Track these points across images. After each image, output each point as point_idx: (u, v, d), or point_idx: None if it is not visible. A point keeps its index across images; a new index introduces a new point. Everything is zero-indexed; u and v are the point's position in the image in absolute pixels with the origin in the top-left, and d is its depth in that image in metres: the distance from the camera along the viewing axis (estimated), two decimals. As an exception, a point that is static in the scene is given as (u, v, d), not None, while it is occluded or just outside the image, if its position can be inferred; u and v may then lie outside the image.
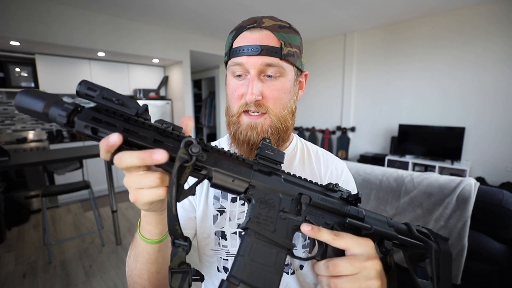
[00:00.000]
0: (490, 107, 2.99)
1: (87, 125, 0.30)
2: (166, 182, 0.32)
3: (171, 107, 4.51)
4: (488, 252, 1.15)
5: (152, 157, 0.30)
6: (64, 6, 2.85)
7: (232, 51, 0.51)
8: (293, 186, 0.40)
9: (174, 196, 0.31)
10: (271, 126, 0.52)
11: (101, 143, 0.30)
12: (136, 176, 0.32)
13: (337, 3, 2.92)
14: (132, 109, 0.32)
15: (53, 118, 0.30)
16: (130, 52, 3.44)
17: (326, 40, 4.37)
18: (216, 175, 0.35)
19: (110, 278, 2.00)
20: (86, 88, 0.30)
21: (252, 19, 0.52)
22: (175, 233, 0.32)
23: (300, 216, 0.38)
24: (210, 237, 0.59)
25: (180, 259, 0.32)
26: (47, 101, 0.30)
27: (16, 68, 3.25)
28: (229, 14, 3.20)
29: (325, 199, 0.41)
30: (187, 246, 0.33)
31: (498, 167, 3.01)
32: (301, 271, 0.60)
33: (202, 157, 0.34)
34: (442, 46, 3.23)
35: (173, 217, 0.31)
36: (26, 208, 3.07)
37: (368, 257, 0.36)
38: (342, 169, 0.65)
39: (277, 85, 0.51)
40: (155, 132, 0.32)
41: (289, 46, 0.51)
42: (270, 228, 0.36)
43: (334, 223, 0.40)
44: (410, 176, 1.42)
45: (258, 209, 0.36)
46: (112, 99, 0.31)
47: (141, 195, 0.33)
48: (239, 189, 0.36)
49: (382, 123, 3.89)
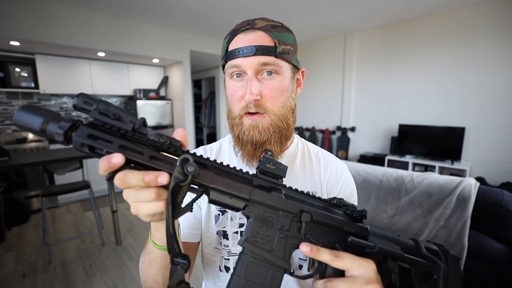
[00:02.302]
0: (490, 107, 2.99)
1: (83, 143, 0.30)
2: (163, 196, 0.32)
3: (171, 107, 4.51)
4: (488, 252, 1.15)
5: (157, 180, 0.30)
6: (64, 6, 2.85)
7: (228, 54, 0.52)
8: (294, 202, 0.38)
9: (170, 215, 0.30)
10: (271, 125, 0.52)
11: (101, 162, 0.30)
12: (134, 191, 0.32)
13: (337, 3, 2.92)
14: (128, 124, 0.31)
15: (50, 135, 0.30)
16: (130, 52, 3.44)
17: (326, 40, 4.37)
18: (213, 192, 0.34)
19: (110, 278, 2.00)
20: (83, 102, 0.30)
21: (245, 22, 0.53)
22: (173, 251, 0.32)
23: (300, 234, 0.37)
24: (212, 236, 0.60)
25: (179, 277, 0.32)
26: (45, 118, 0.30)
27: (16, 68, 3.25)
28: (229, 14, 3.20)
29: (327, 216, 0.39)
30: (185, 264, 0.32)
31: (498, 167, 3.01)
32: (300, 271, 0.60)
33: (198, 175, 0.33)
34: (442, 46, 3.23)
35: (171, 235, 0.31)
36: (26, 208, 3.07)
37: (368, 280, 0.36)
38: (343, 170, 0.65)
39: (275, 84, 0.52)
40: (151, 148, 0.32)
41: (283, 44, 0.51)
42: (267, 247, 0.35)
43: (336, 241, 0.39)
44: (410, 176, 1.42)
45: (256, 227, 0.36)
46: (108, 114, 0.31)
47: (141, 208, 0.33)
48: (237, 206, 0.36)
49: (382, 123, 3.89)
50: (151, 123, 4.28)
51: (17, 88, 3.28)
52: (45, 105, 3.71)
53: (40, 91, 3.34)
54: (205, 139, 6.30)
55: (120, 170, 0.30)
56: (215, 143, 0.69)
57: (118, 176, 0.30)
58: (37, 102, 3.63)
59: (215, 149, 0.67)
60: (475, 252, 1.18)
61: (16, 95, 3.45)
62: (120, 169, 0.30)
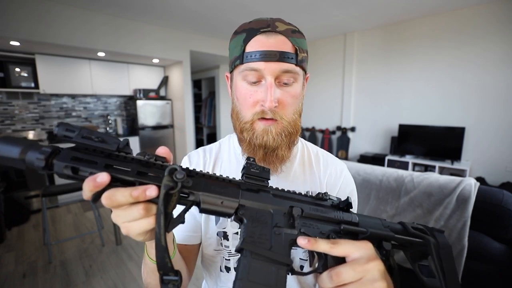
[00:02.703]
0: (490, 107, 2.99)
1: (67, 165, 0.29)
2: (153, 211, 0.32)
3: (171, 107, 4.51)
4: (488, 252, 1.15)
5: (146, 193, 0.29)
6: (64, 6, 2.85)
7: (246, 55, 0.49)
8: (283, 200, 0.39)
9: (162, 225, 0.29)
10: (283, 131, 0.52)
11: (86, 183, 0.28)
12: (122, 211, 0.31)
13: (337, 3, 2.92)
14: (112, 145, 0.31)
15: (30, 163, 0.29)
16: (130, 52, 3.44)
17: (326, 40, 4.37)
18: (204, 199, 0.34)
19: (110, 278, 2.00)
20: (64, 130, 0.30)
21: (264, 21, 0.50)
22: (164, 267, 0.30)
23: (295, 229, 0.38)
24: (213, 237, 0.60)
25: None
26: (23, 146, 0.29)
27: (16, 68, 3.24)
28: (229, 14, 3.20)
29: (316, 209, 0.40)
30: (177, 281, 0.30)
31: (498, 167, 3.01)
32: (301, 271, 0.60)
33: (187, 182, 0.33)
34: (442, 46, 3.23)
35: (162, 248, 0.30)
36: (26, 208, 3.07)
37: (368, 259, 0.35)
38: (342, 170, 0.65)
39: (291, 92, 0.51)
40: (138, 165, 0.32)
41: (302, 51, 0.51)
42: (266, 245, 0.35)
43: (329, 231, 0.39)
44: (410, 176, 1.42)
45: (251, 227, 0.35)
46: (91, 137, 0.30)
47: (131, 227, 0.32)
48: (229, 211, 0.35)
49: (382, 123, 3.89)
50: (151, 123, 4.28)
51: (17, 88, 3.28)
52: (45, 105, 3.71)
53: (40, 91, 3.34)
54: (205, 139, 6.30)
55: (106, 190, 0.29)
56: (214, 144, 0.69)
57: (105, 195, 0.29)
58: (37, 102, 3.64)
59: (215, 150, 0.67)
60: (475, 252, 1.18)
61: (16, 95, 3.45)
62: (105, 189, 0.29)
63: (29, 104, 3.57)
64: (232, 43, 0.53)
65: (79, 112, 4.05)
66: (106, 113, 4.32)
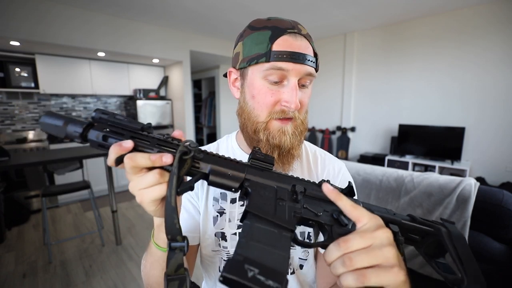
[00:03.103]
0: (490, 107, 2.99)
1: (99, 134, 0.35)
2: (166, 177, 0.34)
3: (171, 107, 4.51)
4: (488, 252, 1.15)
5: (162, 159, 0.33)
6: (64, 6, 2.85)
7: (274, 54, 0.47)
8: (287, 179, 0.41)
9: (174, 186, 0.32)
10: (296, 129, 0.53)
11: (112, 148, 0.33)
12: (139, 177, 0.34)
13: (337, 3, 2.92)
14: (138, 125, 0.36)
15: (70, 132, 0.36)
16: (130, 52, 3.44)
17: (326, 40, 4.37)
18: (213, 169, 0.37)
19: (110, 278, 2.00)
20: (101, 113, 0.36)
21: (287, 22, 0.51)
22: (172, 229, 0.31)
23: (298, 203, 0.38)
24: (211, 238, 0.60)
25: (177, 261, 0.31)
26: (66, 119, 0.36)
27: (16, 68, 3.25)
28: (229, 14, 3.20)
29: (319, 190, 0.41)
30: (184, 247, 0.31)
31: (498, 167, 3.01)
32: (301, 270, 0.60)
33: (199, 154, 0.37)
34: (442, 46, 3.23)
35: (172, 210, 0.32)
36: (26, 208, 3.07)
37: (377, 227, 0.34)
38: (340, 169, 0.65)
39: (308, 93, 0.54)
40: (157, 140, 0.36)
41: (317, 56, 0.53)
42: (270, 211, 0.35)
43: (333, 210, 0.39)
44: (410, 176, 1.42)
45: (256, 197, 0.37)
46: (122, 118, 0.36)
47: (145, 194, 0.34)
48: (235, 184, 0.37)
49: (382, 123, 3.89)
50: (151, 123, 4.27)
51: (17, 88, 3.28)
52: (45, 105, 3.71)
53: (40, 91, 3.34)
54: (205, 139, 6.30)
55: None
56: (213, 144, 0.69)
57: (127, 156, 0.33)
58: (37, 102, 3.64)
59: (213, 149, 0.67)
60: (475, 252, 1.18)
61: (16, 95, 3.45)
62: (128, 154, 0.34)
63: (29, 104, 3.57)
64: (252, 39, 0.50)
65: (79, 112, 4.05)
66: (106, 113, 4.31)
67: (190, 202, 0.61)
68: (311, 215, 0.38)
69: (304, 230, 0.59)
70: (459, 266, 0.36)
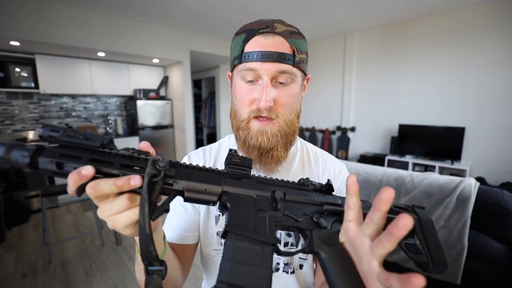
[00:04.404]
0: (490, 107, 2.99)
1: (51, 161, 0.30)
2: (137, 201, 0.32)
3: (171, 107, 4.51)
4: (488, 252, 1.15)
5: (130, 182, 0.30)
6: (64, 6, 2.85)
7: (244, 55, 0.50)
8: (266, 185, 0.40)
9: (146, 213, 0.30)
10: (279, 131, 0.53)
11: (70, 176, 0.29)
12: (107, 204, 0.32)
13: (337, 3, 2.92)
14: (97, 142, 0.32)
15: (15, 161, 0.30)
16: (130, 52, 3.44)
17: (326, 40, 4.37)
18: (187, 186, 0.35)
19: (110, 278, 2.00)
20: (50, 131, 0.31)
21: (263, 22, 0.52)
22: (149, 256, 0.30)
23: (278, 211, 0.38)
24: (213, 237, 0.60)
25: (156, 286, 0.30)
26: (7, 146, 0.30)
27: (16, 68, 3.25)
28: (229, 14, 3.20)
29: (299, 193, 0.41)
30: (162, 271, 0.30)
31: (498, 167, 3.01)
32: (301, 270, 0.60)
33: (170, 171, 0.34)
34: (442, 46, 3.23)
35: (147, 237, 0.30)
36: (26, 208, 3.07)
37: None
38: (340, 170, 0.65)
39: (288, 91, 0.52)
40: (122, 158, 0.32)
41: (300, 53, 0.52)
42: (250, 227, 0.35)
43: (313, 212, 0.40)
44: (410, 176, 1.42)
45: (235, 211, 0.36)
46: (76, 135, 0.31)
47: (117, 220, 0.32)
48: (213, 198, 0.36)
49: (382, 123, 3.89)
50: (151, 123, 4.28)
51: (17, 88, 3.28)
52: (45, 105, 3.71)
53: (40, 91, 3.34)
54: (205, 139, 6.30)
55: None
56: (214, 144, 0.69)
57: (89, 185, 0.29)
58: (37, 102, 3.64)
59: (214, 150, 0.67)
60: (475, 252, 1.18)
61: (16, 95, 3.45)
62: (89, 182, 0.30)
63: (29, 104, 3.57)
64: (233, 44, 0.55)
65: (79, 112, 4.05)
66: (106, 113, 4.32)
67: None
68: (291, 222, 0.38)
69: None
70: (426, 250, 0.38)
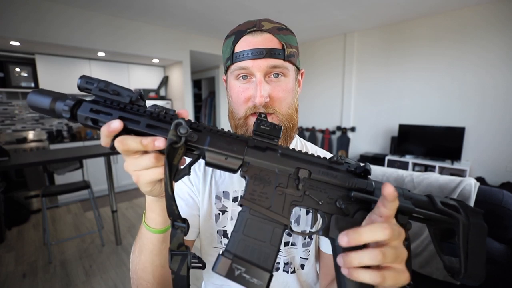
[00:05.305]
0: (490, 107, 2.99)
1: (87, 117, 0.34)
2: (162, 161, 0.34)
3: (171, 107, 4.51)
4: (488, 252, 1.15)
5: (154, 144, 0.32)
6: (64, 6, 2.85)
7: (235, 56, 0.52)
8: (291, 160, 0.37)
9: (168, 176, 0.32)
10: (279, 124, 0.53)
11: (102, 129, 0.32)
12: (134, 159, 0.34)
13: (337, 3, 2.92)
14: (126, 98, 0.34)
15: (59, 113, 0.34)
16: (130, 52, 3.43)
17: (326, 40, 4.37)
18: (208, 154, 0.35)
19: (110, 278, 2.00)
20: (85, 83, 0.34)
21: (251, 22, 0.53)
22: (172, 213, 0.33)
23: (299, 191, 0.37)
24: (213, 235, 0.60)
25: (178, 240, 0.34)
26: (53, 97, 0.34)
27: (16, 68, 3.25)
28: (229, 14, 3.20)
29: (327, 173, 0.38)
30: (185, 228, 0.34)
31: (498, 167, 3.01)
32: (302, 270, 0.60)
33: (192, 137, 0.34)
34: (442, 46, 3.23)
35: (170, 197, 0.32)
36: (26, 208, 3.06)
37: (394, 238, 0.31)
38: None
39: (282, 86, 0.53)
40: (148, 117, 0.34)
41: (290, 47, 0.52)
42: (265, 204, 0.35)
43: (338, 197, 0.37)
44: (410, 176, 1.42)
45: (252, 185, 0.36)
46: (107, 90, 0.34)
47: (142, 175, 0.34)
48: (233, 167, 0.36)
49: (382, 123, 3.89)
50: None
51: (17, 88, 3.28)
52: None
53: (40, 91, 3.33)
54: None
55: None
56: None
57: (117, 139, 0.32)
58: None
59: None
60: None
61: (16, 95, 3.44)
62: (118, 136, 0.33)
63: (29, 104, 3.57)
64: (224, 47, 0.56)
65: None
66: (106, 113, 4.31)
67: (190, 196, 0.60)
68: (311, 204, 0.37)
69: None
70: (463, 257, 0.35)
